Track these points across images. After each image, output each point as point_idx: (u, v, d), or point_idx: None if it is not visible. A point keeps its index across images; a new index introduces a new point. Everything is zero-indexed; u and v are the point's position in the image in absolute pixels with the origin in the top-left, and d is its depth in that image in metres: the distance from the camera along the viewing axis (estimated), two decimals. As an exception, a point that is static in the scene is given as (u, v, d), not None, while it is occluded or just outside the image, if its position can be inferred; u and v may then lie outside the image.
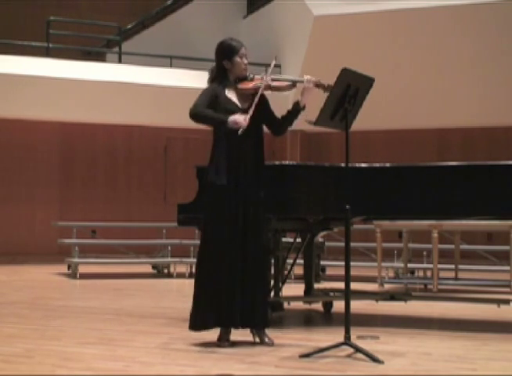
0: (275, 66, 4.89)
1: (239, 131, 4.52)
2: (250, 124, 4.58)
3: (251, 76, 4.80)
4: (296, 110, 4.74)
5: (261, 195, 4.69)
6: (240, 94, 4.76)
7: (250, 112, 4.59)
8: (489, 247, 10.11)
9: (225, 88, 4.77)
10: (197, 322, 4.64)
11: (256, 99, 4.62)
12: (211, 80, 4.84)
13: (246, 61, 4.80)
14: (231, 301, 4.56)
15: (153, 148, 13.62)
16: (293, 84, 4.81)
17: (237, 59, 4.76)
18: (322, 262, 9.10)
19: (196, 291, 4.68)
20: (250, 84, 4.73)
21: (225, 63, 4.77)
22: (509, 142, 12.38)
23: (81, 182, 13.27)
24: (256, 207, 4.67)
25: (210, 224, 4.67)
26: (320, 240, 7.78)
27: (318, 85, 4.69)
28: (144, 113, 12.55)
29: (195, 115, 4.71)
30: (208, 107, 4.70)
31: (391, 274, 9.50)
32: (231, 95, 4.76)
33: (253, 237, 4.64)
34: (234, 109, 4.69)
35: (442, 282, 8.11)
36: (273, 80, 4.76)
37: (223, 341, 4.62)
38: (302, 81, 4.73)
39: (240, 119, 4.56)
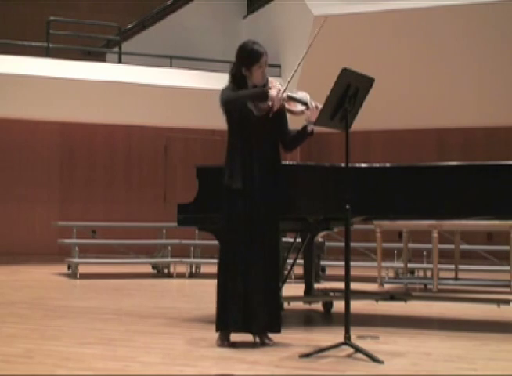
0: (276, 66, 4.88)
1: (272, 112, 4.59)
2: (267, 125, 4.63)
3: (269, 85, 4.73)
4: (304, 133, 4.72)
5: (276, 195, 4.72)
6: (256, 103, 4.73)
7: (282, 90, 4.61)
8: (489, 247, 10.10)
9: None
10: (225, 323, 4.63)
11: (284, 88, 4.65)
12: (232, 78, 4.77)
13: (265, 68, 4.74)
14: (252, 304, 4.57)
15: (153, 148, 13.62)
16: (306, 109, 4.70)
17: (256, 68, 4.69)
18: (322, 262, 9.11)
19: (219, 293, 4.66)
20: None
21: (243, 70, 4.70)
22: (509, 142, 12.38)
23: (81, 182, 13.27)
24: (271, 208, 4.68)
25: (226, 226, 4.67)
26: (320, 240, 7.78)
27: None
28: (144, 113, 12.56)
29: (229, 101, 4.62)
30: None
31: (391, 274, 9.50)
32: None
33: (268, 239, 4.66)
34: (249, 114, 4.68)
35: (442, 282, 8.10)
36: (288, 97, 4.70)
37: (223, 341, 4.62)
38: (307, 105, 4.67)
39: (278, 99, 4.58)
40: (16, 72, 11.55)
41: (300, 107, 4.72)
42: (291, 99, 4.72)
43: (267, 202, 4.66)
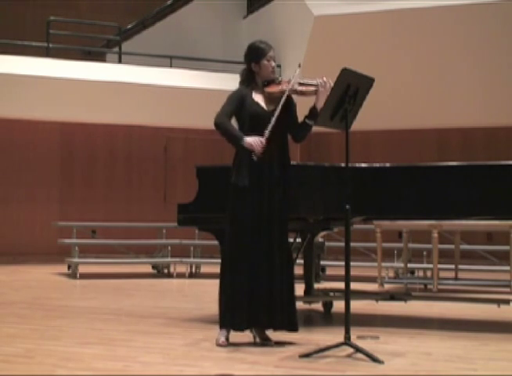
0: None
1: (254, 158, 4.54)
2: (276, 125, 4.59)
3: (279, 79, 4.82)
4: (313, 114, 4.70)
5: (286, 193, 4.72)
6: (267, 97, 4.78)
7: (271, 124, 4.58)
8: (489, 247, 10.11)
9: (253, 90, 4.79)
10: (231, 321, 4.63)
11: (277, 111, 4.61)
12: (241, 82, 4.85)
13: (273, 64, 4.82)
14: (257, 302, 4.58)
15: (153, 148, 13.62)
16: (318, 86, 4.75)
17: (265, 62, 4.77)
18: (322, 262, 9.09)
19: (222, 292, 4.67)
20: (277, 88, 4.74)
21: (252, 65, 4.79)
22: (509, 142, 12.38)
23: (80, 182, 13.27)
24: (281, 206, 4.69)
25: (233, 225, 4.68)
26: (320, 240, 7.77)
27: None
28: (144, 113, 12.56)
29: (217, 125, 4.71)
30: (234, 112, 4.72)
31: (391, 274, 9.50)
32: (257, 98, 4.77)
33: (278, 237, 4.67)
34: (260, 111, 4.72)
35: (442, 282, 8.10)
36: (300, 84, 4.75)
37: (223, 341, 4.62)
38: (316, 84, 4.70)
39: (257, 143, 4.55)
40: (16, 72, 11.55)
41: (311, 88, 4.75)
42: (302, 84, 4.76)
43: (280, 199, 4.68)
